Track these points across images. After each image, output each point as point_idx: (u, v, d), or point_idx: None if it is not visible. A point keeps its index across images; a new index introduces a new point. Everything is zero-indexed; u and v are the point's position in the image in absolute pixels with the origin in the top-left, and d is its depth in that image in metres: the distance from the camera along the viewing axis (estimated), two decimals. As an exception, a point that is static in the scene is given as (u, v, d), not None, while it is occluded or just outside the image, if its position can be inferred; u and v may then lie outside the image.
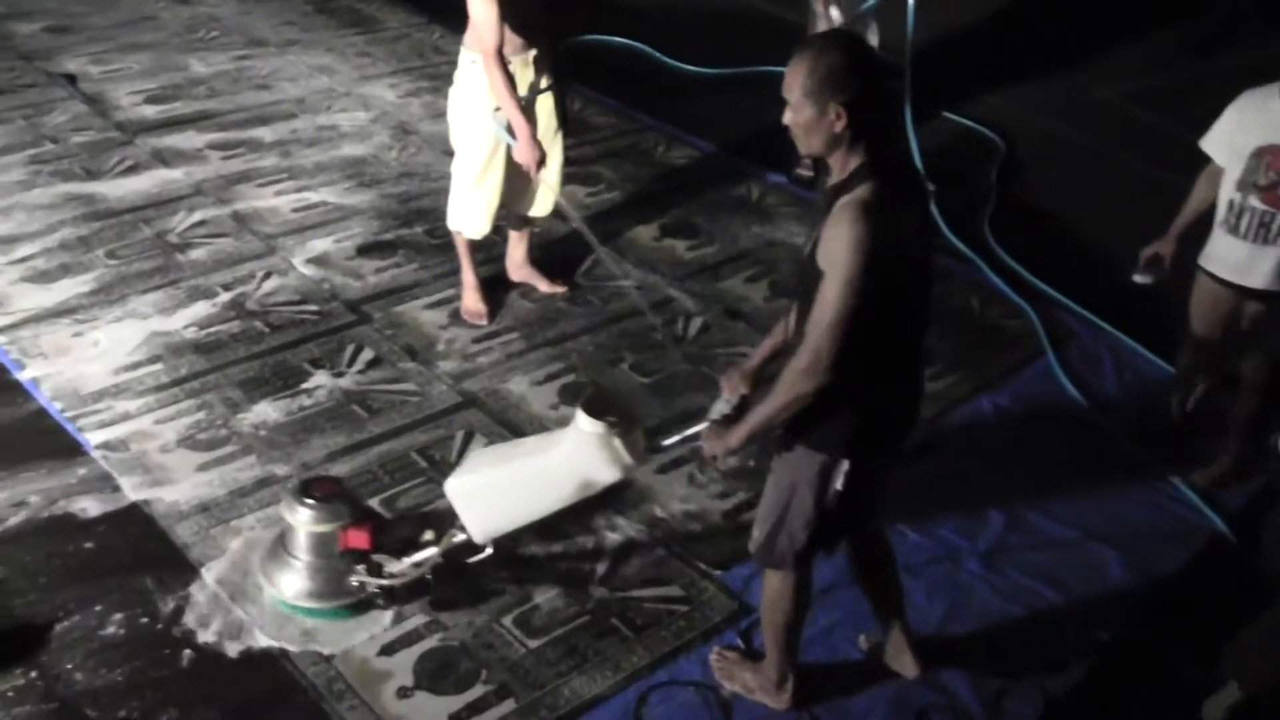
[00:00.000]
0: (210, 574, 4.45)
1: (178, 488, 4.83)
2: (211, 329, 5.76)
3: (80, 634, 4.21)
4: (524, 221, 6.05)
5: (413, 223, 6.70)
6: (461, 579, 4.33)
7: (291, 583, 4.28)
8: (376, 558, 4.23)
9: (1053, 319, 6.17)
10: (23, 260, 6.19)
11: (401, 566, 4.23)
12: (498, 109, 5.43)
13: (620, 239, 6.67)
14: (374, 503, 4.75)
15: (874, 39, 7.27)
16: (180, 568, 4.49)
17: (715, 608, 4.46)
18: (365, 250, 6.44)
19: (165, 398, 5.31)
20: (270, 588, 4.32)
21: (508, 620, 4.35)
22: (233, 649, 4.18)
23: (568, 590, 4.49)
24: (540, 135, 5.66)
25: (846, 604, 4.37)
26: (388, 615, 4.31)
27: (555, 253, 6.43)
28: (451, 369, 5.61)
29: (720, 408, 3.78)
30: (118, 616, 4.28)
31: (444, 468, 4.92)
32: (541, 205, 5.98)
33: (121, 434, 5.09)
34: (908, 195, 3.42)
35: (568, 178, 6.09)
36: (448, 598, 4.35)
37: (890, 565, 4.11)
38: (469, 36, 5.38)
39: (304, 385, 5.43)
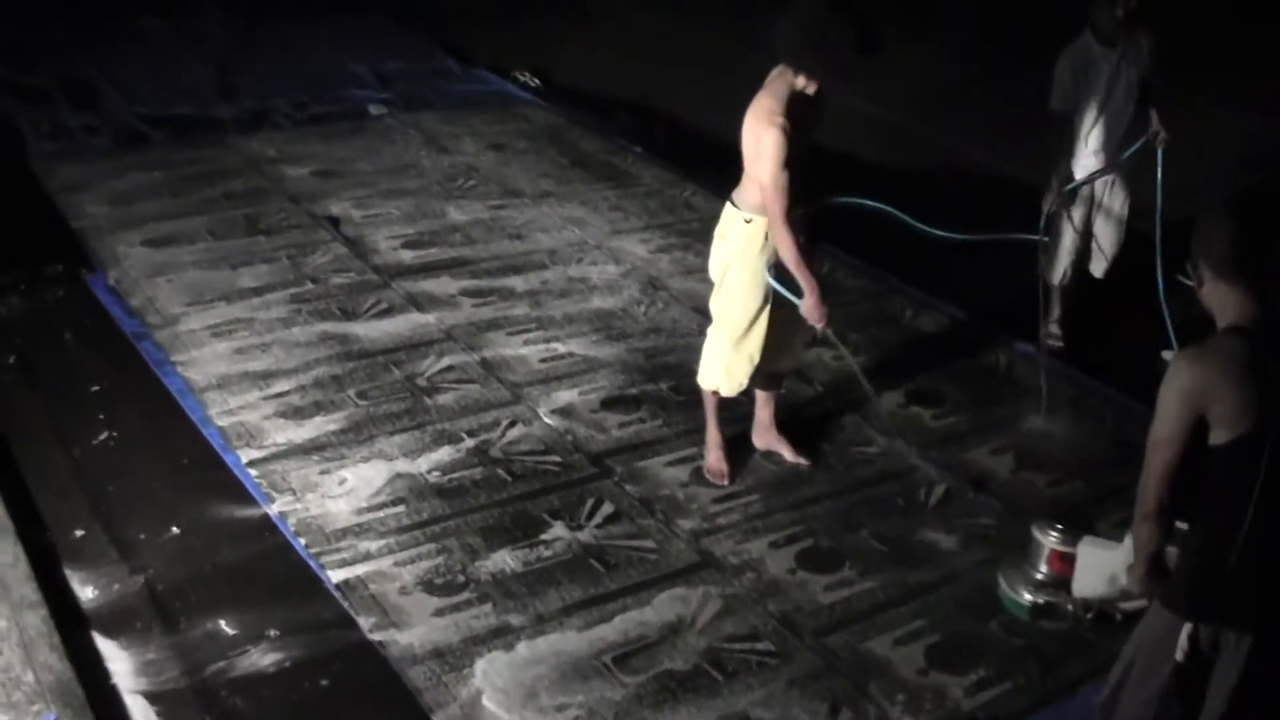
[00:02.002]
0: (440, 723, 4.43)
1: (413, 631, 4.83)
2: (455, 474, 5.80)
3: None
4: (775, 381, 5.99)
5: (658, 378, 6.70)
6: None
7: (1030, 591, 5.13)
8: (1061, 586, 5.01)
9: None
10: (278, 395, 6.35)
11: (1069, 601, 5.01)
12: (774, 266, 5.45)
13: (865, 404, 6.55)
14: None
15: (1121, 198, 7.22)
16: (412, 712, 4.47)
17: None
18: (610, 404, 6.45)
19: (406, 540, 5.34)
20: (1010, 592, 5.16)
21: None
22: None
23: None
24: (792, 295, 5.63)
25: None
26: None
27: (803, 416, 6.36)
28: (691, 527, 5.54)
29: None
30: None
31: (679, 627, 4.88)
32: (796, 360, 6.07)
33: (361, 573, 5.13)
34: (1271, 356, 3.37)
35: (814, 340, 6.02)
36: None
37: None
38: (743, 196, 5.42)
39: (543, 536, 5.41)
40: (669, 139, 10.69)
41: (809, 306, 5.40)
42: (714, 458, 5.89)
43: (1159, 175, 7.00)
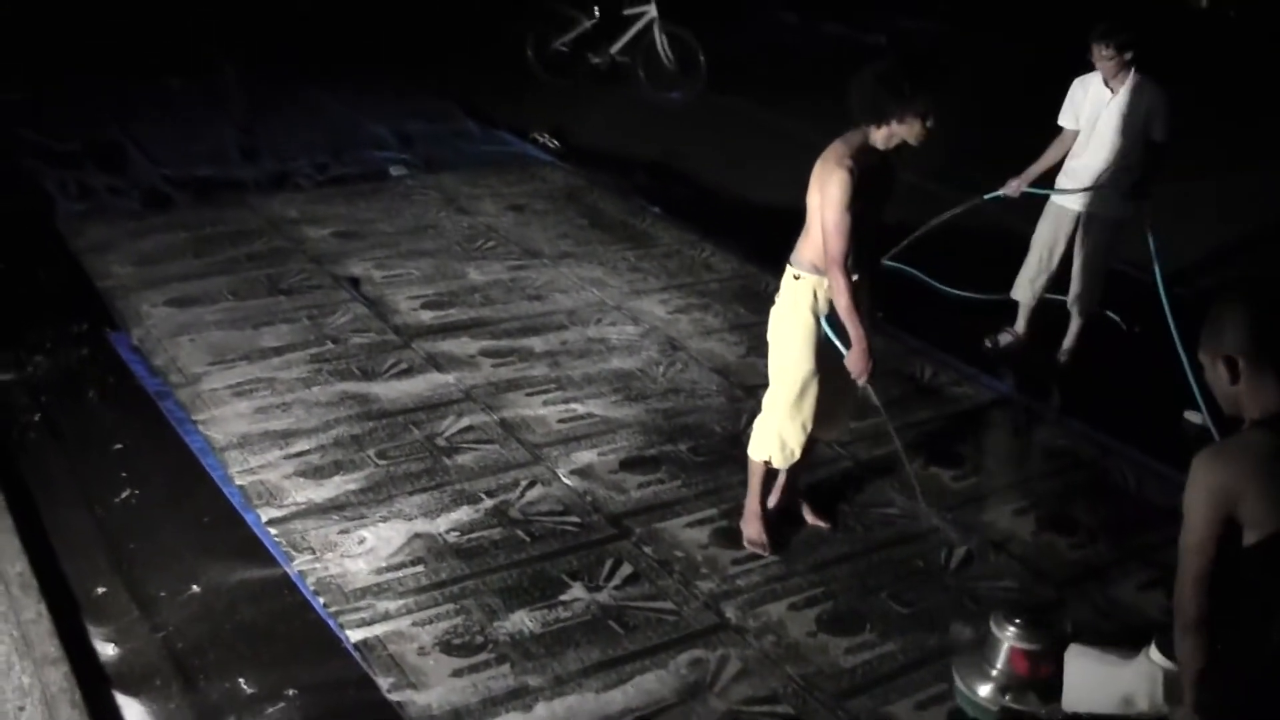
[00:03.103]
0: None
1: (431, 692, 4.82)
2: (474, 534, 5.80)
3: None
4: (810, 445, 5.95)
5: (677, 439, 6.70)
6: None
7: (983, 687, 4.80)
8: (1027, 689, 4.75)
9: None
10: (298, 455, 6.37)
11: (1035, 705, 4.72)
12: (828, 316, 5.42)
13: (884, 465, 6.54)
14: (627, 723, 4.67)
15: (1095, 238, 7.75)
16: (430, 775, 4.46)
17: None
18: (629, 464, 6.44)
19: (425, 600, 5.34)
20: (967, 691, 4.84)
21: None
22: None
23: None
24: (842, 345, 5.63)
25: None
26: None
27: (823, 477, 6.35)
28: (710, 589, 5.52)
29: None
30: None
31: (698, 690, 4.86)
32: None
33: (380, 633, 5.12)
34: None
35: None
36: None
37: None
38: (799, 254, 5.39)
39: (561, 597, 5.41)
40: (687, 199, 10.75)
41: (854, 357, 5.37)
42: (754, 529, 5.84)
43: (1151, 241, 7.40)
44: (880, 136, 5.22)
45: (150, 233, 9.26)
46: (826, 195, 5.16)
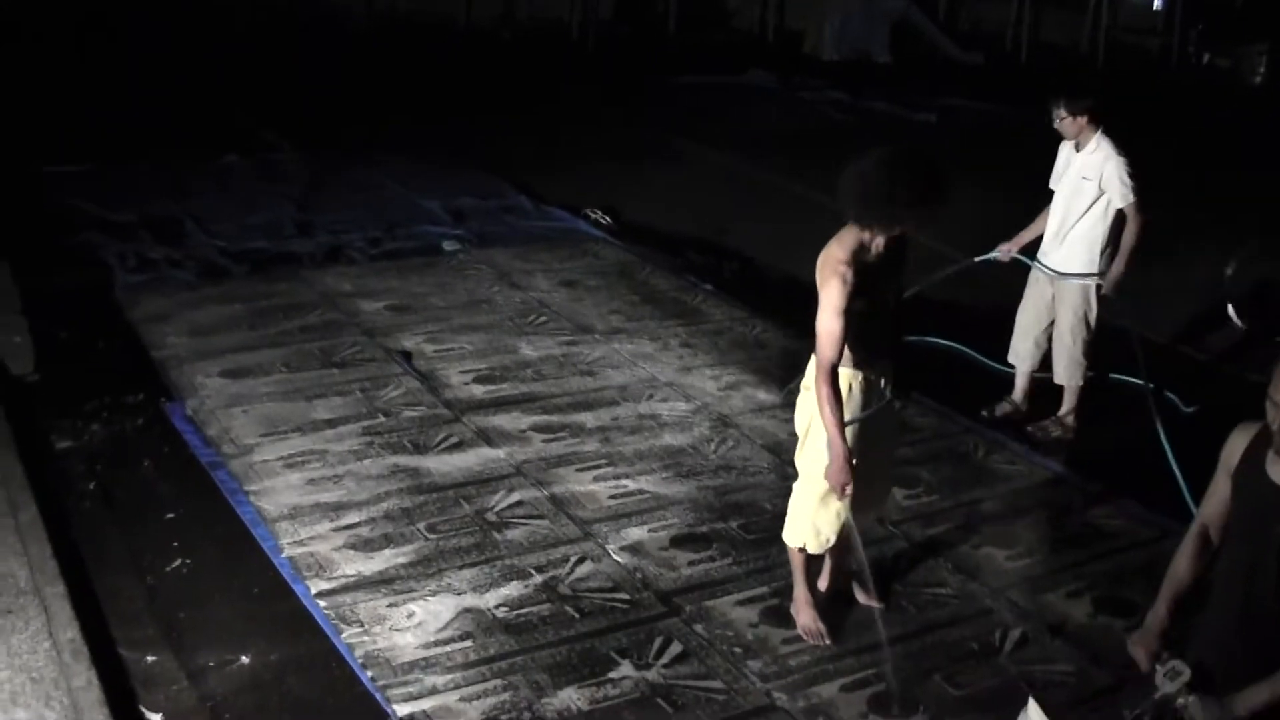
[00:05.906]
0: None
1: (478, 768, 4.79)
2: (522, 610, 5.78)
3: None
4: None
5: (728, 517, 6.66)
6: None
7: None
8: None
9: None
10: (348, 528, 6.37)
11: None
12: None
13: (936, 544, 6.49)
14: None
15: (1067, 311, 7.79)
16: None
17: None
18: (679, 541, 6.41)
19: (473, 675, 5.31)
20: None
21: None
22: None
23: None
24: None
25: None
26: None
27: (875, 557, 6.25)
28: (760, 669, 5.46)
29: (1170, 686, 3.83)
30: None
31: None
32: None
33: (427, 708, 5.10)
34: None
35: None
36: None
37: None
38: None
39: (610, 674, 5.36)
40: (738, 276, 10.78)
41: (830, 469, 5.24)
42: (807, 617, 5.74)
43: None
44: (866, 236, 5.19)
45: (206, 304, 9.36)
46: (820, 300, 5.13)
